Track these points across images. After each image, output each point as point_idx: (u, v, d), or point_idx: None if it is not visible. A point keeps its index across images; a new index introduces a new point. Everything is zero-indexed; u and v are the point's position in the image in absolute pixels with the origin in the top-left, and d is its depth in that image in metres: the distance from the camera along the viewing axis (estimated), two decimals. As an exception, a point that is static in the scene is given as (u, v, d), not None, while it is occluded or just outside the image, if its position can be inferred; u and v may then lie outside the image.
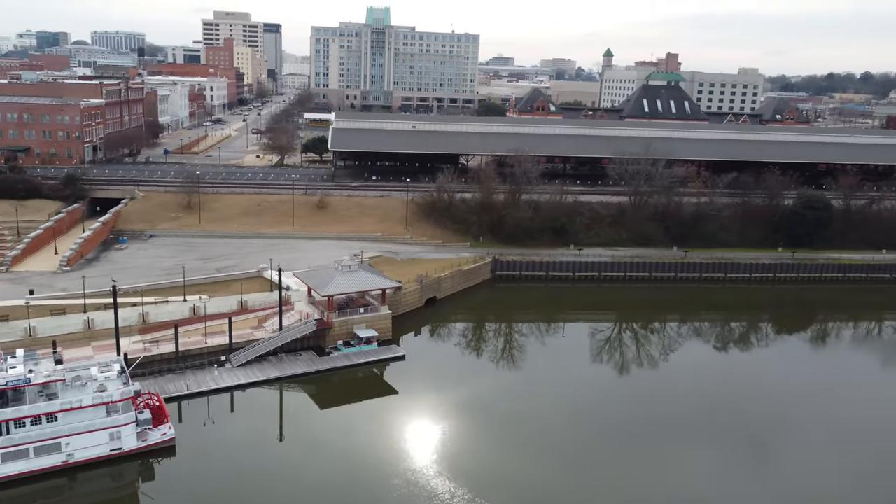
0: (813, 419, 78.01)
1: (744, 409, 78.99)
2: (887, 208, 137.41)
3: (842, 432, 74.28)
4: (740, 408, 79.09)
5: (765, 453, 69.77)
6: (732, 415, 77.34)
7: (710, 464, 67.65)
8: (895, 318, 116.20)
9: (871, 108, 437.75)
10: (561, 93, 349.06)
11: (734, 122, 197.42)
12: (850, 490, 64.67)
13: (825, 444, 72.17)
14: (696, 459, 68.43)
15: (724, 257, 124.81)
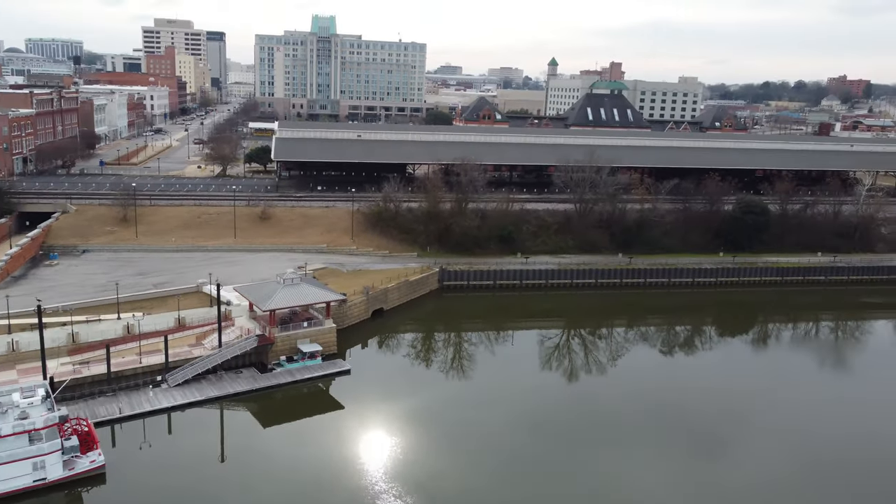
0: (755, 418, 79.50)
1: (689, 409, 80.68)
2: (821, 212, 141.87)
3: (782, 431, 76.03)
4: (686, 408, 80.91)
5: (710, 451, 71.70)
6: (679, 415, 78.84)
7: (660, 462, 68.94)
8: (831, 319, 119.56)
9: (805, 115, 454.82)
10: (508, 101, 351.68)
11: (675, 130, 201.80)
12: (790, 485, 66.08)
13: (766, 442, 73.45)
14: (645, 458, 69.34)
15: (668, 263, 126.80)
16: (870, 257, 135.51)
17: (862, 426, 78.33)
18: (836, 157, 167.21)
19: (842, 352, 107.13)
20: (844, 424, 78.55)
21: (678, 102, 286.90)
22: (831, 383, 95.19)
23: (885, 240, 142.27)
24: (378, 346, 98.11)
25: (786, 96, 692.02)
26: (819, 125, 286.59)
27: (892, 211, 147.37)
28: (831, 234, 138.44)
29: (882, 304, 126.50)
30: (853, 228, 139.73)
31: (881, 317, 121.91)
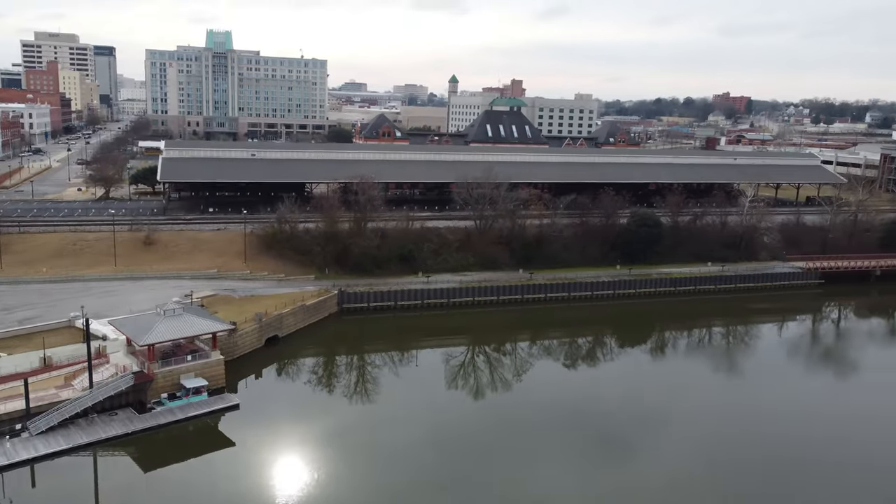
0: (659, 422, 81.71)
1: (597, 417, 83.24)
2: (709, 224, 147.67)
3: (684, 433, 79.29)
4: (594, 416, 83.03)
5: (620, 455, 74.27)
6: (587, 424, 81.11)
7: (573, 468, 70.59)
8: (722, 326, 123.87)
9: (693, 130, 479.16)
10: (411, 118, 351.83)
11: (572, 146, 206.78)
12: (695, 484, 68.53)
13: (671, 444, 76.16)
14: (558, 466, 70.29)
15: (567, 277, 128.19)
16: (754, 265, 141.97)
17: (755, 426, 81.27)
18: (721, 171, 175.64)
19: (733, 356, 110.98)
20: (740, 424, 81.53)
21: (574, 119, 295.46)
22: (725, 386, 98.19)
23: (767, 248, 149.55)
24: (274, 375, 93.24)
25: (676, 112, 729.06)
26: (706, 139, 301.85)
27: (773, 221, 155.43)
28: (719, 244, 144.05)
29: (767, 309, 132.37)
30: (739, 238, 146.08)
31: (767, 321, 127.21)
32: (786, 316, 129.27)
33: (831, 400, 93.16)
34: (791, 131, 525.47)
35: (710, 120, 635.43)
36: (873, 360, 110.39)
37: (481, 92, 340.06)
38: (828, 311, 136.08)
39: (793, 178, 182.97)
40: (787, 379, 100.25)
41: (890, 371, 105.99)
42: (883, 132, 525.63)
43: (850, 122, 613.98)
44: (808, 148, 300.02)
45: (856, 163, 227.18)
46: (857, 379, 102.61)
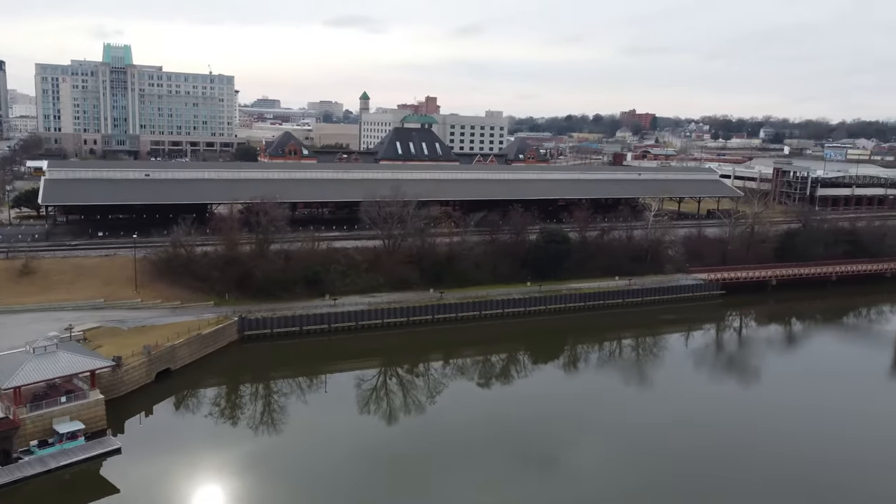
0: (572, 437, 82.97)
1: (510, 435, 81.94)
2: (616, 238, 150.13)
3: (602, 443, 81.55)
4: (507, 435, 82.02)
5: (539, 468, 74.87)
6: (501, 442, 79.95)
7: (488, 488, 70.07)
8: (631, 339, 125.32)
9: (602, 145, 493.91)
10: (323, 135, 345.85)
11: (482, 163, 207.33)
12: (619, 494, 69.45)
13: (590, 455, 78.86)
14: (473, 489, 69.43)
15: (478, 295, 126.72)
16: (660, 278, 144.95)
17: (667, 435, 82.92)
18: (626, 186, 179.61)
19: (644, 367, 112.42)
20: (653, 434, 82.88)
21: (486, 136, 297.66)
22: (638, 397, 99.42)
23: (672, 261, 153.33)
24: (167, 412, 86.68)
25: (587, 128, 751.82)
26: (614, 155, 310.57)
27: (676, 234, 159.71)
28: (627, 258, 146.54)
29: (673, 320, 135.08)
30: (645, 252, 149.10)
31: (673, 332, 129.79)
32: (691, 326, 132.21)
33: (737, 405, 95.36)
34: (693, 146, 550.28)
35: (618, 136, 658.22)
36: (773, 365, 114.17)
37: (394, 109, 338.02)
38: (730, 320, 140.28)
39: (694, 192, 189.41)
40: (694, 386, 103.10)
41: (789, 375, 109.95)
42: (775, 147, 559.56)
43: (746, 138, 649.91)
44: (708, 163, 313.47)
45: (751, 176, 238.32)
46: (759, 384, 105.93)
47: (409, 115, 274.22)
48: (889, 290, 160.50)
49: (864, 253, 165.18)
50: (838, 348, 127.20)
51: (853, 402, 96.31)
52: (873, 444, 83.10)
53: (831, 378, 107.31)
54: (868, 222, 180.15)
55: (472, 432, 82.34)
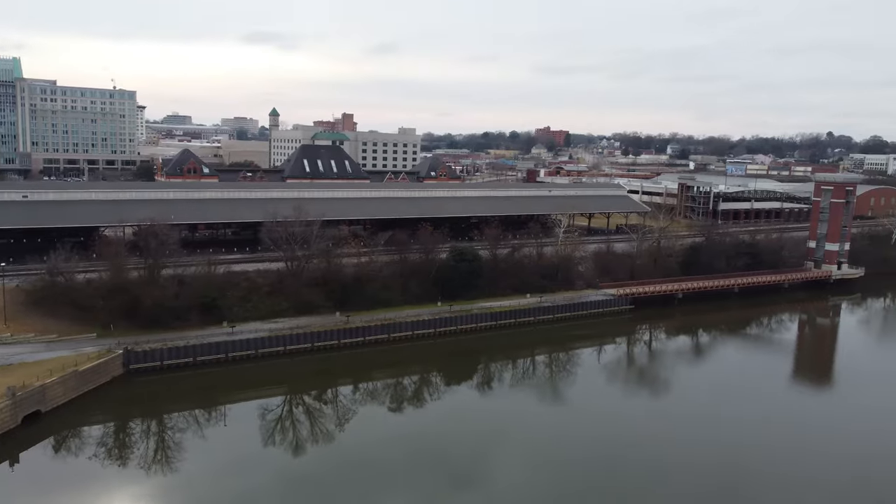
0: (486, 457, 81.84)
1: (425, 457, 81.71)
2: (527, 255, 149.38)
3: (521, 460, 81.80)
4: (423, 457, 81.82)
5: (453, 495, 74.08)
6: (415, 466, 79.27)
7: None
8: (544, 355, 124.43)
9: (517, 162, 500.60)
10: (233, 153, 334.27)
11: (393, 180, 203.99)
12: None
13: (510, 473, 78.80)
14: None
15: (387, 317, 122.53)
16: (571, 294, 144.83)
17: (581, 448, 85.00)
18: (537, 202, 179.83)
19: (556, 383, 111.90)
20: (568, 448, 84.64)
21: (399, 153, 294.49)
22: (551, 413, 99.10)
23: (582, 277, 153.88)
24: (36, 459, 78.30)
25: (503, 145, 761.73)
26: (527, 171, 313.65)
27: (586, 250, 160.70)
28: (538, 275, 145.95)
29: (585, 335, 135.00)
30: (555, 269, 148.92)
31: (585, 347, 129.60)
32: (602, 341, 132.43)
33: (649, 416, 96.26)
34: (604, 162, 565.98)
35: (534, 152, 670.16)
36: (682, 376, 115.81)
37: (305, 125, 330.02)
38: (639, 334, 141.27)
39: (603, 208, 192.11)
40: (608, 400, 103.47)
41: (697, 385, 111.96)
42: (682, 162, 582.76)
43: (655, 154, 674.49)
44: (618, 178, 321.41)
45: (658, 191, 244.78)
46: (669, 395, 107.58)
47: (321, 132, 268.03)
48: (787, 300, 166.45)
49: (763, 265, 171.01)
50: (742, 358, 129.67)
51: (755, 409, 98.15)
52: (778, 450, 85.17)
53: (736, 387, 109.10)
54: (766, 235, 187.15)
55: (386, 457, 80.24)
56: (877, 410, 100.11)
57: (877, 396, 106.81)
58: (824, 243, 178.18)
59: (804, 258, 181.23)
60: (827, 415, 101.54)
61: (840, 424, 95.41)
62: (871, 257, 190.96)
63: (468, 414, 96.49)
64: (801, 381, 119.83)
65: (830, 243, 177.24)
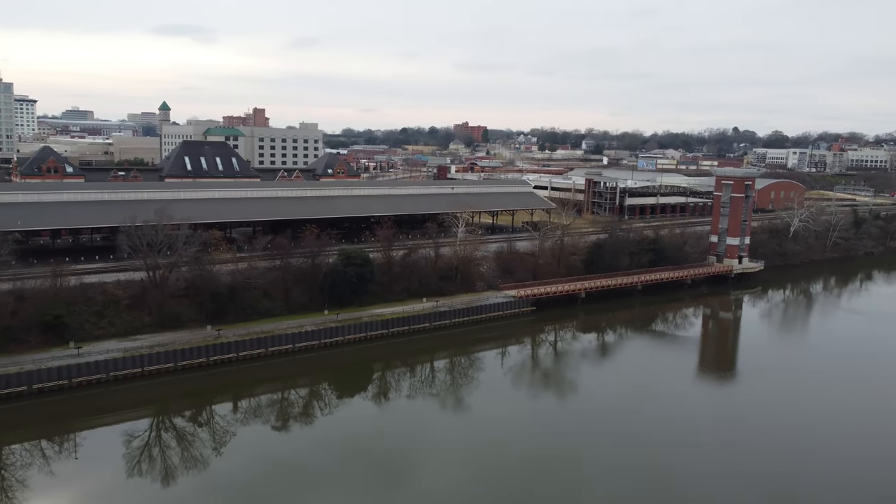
0: (389, 473, 77.32)
1: (313, 478, 76.89)
2: (424, 257, 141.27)
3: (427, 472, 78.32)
4: (309, 478, 76.83)
5: None
6: (305, 488, 74.76)
7: None
8: (443, 362, 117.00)
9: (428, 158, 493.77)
10: (124, 149, 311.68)
11: (286, 179, 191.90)
12: None
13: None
14: None
15: (265, 330, 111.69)
16: (469, 297, 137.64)
17: (491, 453, 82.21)
18: (438, 200, 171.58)
19: (458, 391, 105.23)
20: (476, 454, 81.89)
21: (299, 149, 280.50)
22: (456, 420, 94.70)
23: (483, 278, 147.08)
24: None
25: (422, 141, 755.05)
26: (438, 167, 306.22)
27: (488, 249, 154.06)
28: (435, 277, 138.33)
29: (482, 339, 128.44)
30: (454, 270, 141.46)
31: (487, 349, 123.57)
32: (502, 346, 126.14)
33: (555, 417, 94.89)
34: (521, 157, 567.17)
35: (451, 148, 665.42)
36: (587, 377, 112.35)
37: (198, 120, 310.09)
38: (541, 336, 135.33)
39: (507, 205, 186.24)
40: (512, 406, 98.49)
41: (603, 384, 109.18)
42: (596, 157, 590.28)
43: (571, 149, 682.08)
44: (533, 174, 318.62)
45: (566, 187, 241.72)
46: (575, 395, 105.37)
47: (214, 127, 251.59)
48: (690, 295, 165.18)
49: (666, 261, 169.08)
50: (647, 355, 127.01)
51: (661, 407, 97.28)
52: (689, 444, 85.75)
53: (642, 385, 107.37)
54: (670, 230, 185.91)
55: (271, 480, 74.04)
56: (780, 400, 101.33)
57: (778, 386, 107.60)
58: (726, 238, 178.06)
59: (707, 253, 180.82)
60: (732, 406, 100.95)
61: (747, 414, 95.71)
62: (771, 250, 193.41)
63: (362, 428, 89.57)
64: (706, 375, 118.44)
65: (731, 238, 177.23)
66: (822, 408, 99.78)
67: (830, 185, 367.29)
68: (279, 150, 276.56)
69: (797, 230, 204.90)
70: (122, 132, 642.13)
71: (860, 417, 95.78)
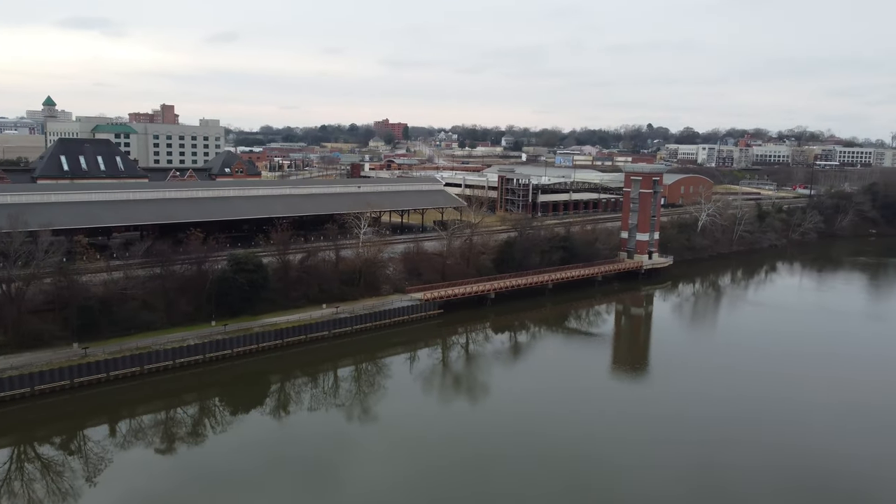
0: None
1: None
2: (325, 260, 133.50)
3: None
4: None
5: None
6: None
7: None
8: (347, 370, 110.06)
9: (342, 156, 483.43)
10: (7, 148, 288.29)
11: (178, 179, 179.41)
12: None
13: None
14: None
15: (141, 346, 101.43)
16: (373, 302, 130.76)
17: (397, 462, 79.08)
18: (344, 200, 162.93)
19: (365, 400, 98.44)
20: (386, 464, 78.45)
21: (199, 147, 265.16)
22: (364, 430, 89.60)
23: (390, 280, 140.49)
24: None
25: (342, 138, 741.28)
26: (351, 165, 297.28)
27: (394, 250, 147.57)
28: (337, 282, 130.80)
29: (393, 343, 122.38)
30: (358, 273, 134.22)
31: (393, 355, 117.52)
32: (410, 350, 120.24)
33: (466, 423, 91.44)
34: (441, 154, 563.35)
35: (371, 145, 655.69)
36: (500, 379, 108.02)
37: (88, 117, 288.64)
38: (451, 340, 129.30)
39: (415, 204, 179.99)
40: (422, 412, 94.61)
41: (511, 389, 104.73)
42: (515, 154, 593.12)
43: (491, 146, 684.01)
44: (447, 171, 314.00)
45: (480, 185, 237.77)
46: (488, 398, 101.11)
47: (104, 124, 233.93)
48: (602, 292, 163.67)
49: (578, 258, 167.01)
50: (561, 354, 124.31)
51: (575, 404, 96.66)
52: (601, 439, 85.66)
53: (558, 384, 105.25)
54: (581, 227, 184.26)
55: None
56: (690, 394, 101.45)
57: (688, 380, 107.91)
58: (636, 233, 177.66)
59: (618, 249, 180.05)
60: (646, 401, 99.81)
61: (660, 409, 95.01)
62: (680, 245, 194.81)
63: (256, 445, 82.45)
64: (620, 371, 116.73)
65: (641, 233, 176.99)
66: (731, 400, 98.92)
67: (737, 180, 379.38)
68: (176, 149, 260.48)
69: (705, 224, 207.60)
70: (16, 130, 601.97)
71: (767, 409, 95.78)
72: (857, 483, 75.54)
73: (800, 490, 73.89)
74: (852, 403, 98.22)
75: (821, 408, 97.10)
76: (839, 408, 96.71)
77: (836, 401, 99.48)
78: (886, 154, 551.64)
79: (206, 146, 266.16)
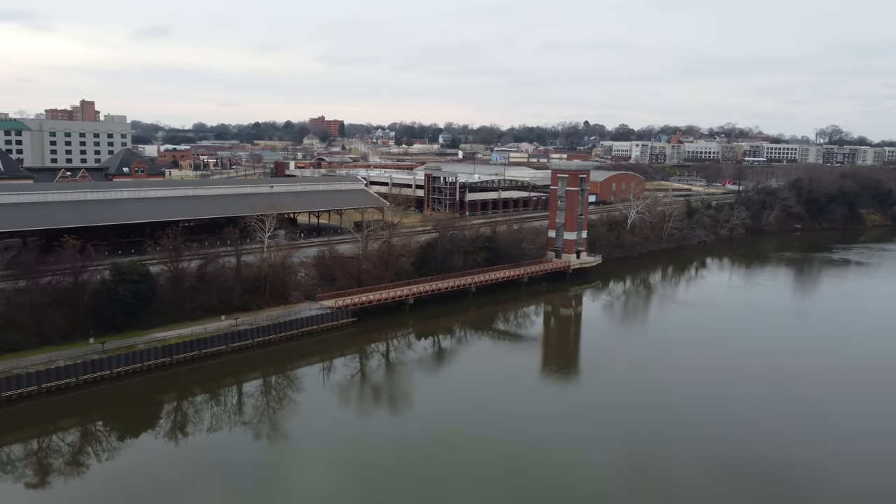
0: None
1: None
2: (226, 267, 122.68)
3: None
4: None
5: None
6: None
7: None
8: (252, 386, 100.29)
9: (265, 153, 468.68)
10: None
11: (69, 179, 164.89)
12: None
13: None
14: None
15: (0, 370, 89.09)
16: (279, 311, 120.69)
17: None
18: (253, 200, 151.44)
19: (275, 418, 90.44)
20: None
21: (102, 145, 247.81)
22: (278, 452, 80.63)
23: (300, 287, 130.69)
24: None
25: (276, 136, 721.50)
26: (275, 164, 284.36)
27: (306, 254, 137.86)
28: (239, 290, 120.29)
29: (298, 356, 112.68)
30: (263, 280, 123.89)
31: (306, 364, 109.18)
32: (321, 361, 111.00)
33: (389, 426, 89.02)
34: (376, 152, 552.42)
35: (305, 143, 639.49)
36: (421, 390, 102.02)
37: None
38: (363, 351, 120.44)
39: (334, 204, 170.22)
40: (329, 432, 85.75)
41: (441, 396, 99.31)
42: (452, 151, 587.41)
43: (428, 144, 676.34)
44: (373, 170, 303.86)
45: (408, 183, 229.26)
46: (410, 409, 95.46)
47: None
48: (529, 293, 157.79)
49: (504, 259, 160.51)
50: (487, 358, 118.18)
51: (507, 404, 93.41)
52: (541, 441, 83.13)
53: (487, 385, 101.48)
54: (508, 227, 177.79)
55: None
56: (620, 393, 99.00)
57: (618, 379, 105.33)
58: (563, 232, 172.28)
59: (546, 249, 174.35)
60: (575, 399, 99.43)
61: (592, 406, 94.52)
62: (609, 243, 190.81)
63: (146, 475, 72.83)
64: (548, 372, 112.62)
65: (569, 232, 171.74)
66: (660, 393, 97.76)
67: (669, 176, 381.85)
68: (77, 147, 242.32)
69: (634, 222, 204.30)
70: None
71: (698, 402, 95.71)
72: (782, 469, 77.20)
73: (728, 475, 75.30)
74: (786, 396, 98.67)
75: (747, 398, 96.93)
76: (770, 398, 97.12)
77: (766, 391, 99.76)
78: (811, 150, 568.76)
79: (111, 144, 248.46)
